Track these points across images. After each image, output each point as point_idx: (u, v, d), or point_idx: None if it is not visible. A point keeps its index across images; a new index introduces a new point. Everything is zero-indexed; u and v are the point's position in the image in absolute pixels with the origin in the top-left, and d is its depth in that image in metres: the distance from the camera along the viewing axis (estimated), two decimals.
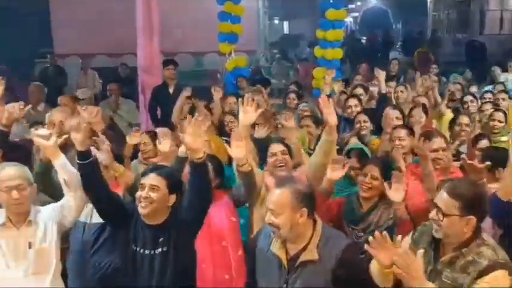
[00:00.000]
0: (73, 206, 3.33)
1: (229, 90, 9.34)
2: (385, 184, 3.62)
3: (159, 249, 3.23)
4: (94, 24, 14.27)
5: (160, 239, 3.23)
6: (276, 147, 4.13)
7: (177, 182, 3.34)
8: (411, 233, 2.93)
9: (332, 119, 3.73)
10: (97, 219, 3.64)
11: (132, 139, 4.90)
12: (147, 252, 3.24)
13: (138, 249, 3.26)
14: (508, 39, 18.64)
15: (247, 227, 4.17)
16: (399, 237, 2.49)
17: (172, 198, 3.27)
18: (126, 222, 3.30)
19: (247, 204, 4.18)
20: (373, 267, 2.66)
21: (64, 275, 3.84)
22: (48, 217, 3.31)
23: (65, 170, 3.28)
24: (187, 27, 14.59)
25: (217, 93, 6.61)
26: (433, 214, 2.70)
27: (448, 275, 2.66)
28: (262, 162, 4.29)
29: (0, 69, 13.96)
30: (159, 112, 7.37)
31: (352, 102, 6.16)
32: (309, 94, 9.57)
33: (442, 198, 2.67)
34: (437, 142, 4.24)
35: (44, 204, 3.49)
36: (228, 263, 3.83)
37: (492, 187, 3.52)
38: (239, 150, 3.66)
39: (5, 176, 3.18)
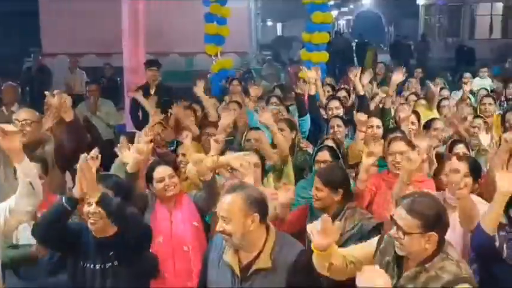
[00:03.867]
0: (25, 211, 3.03)
1: (214, 92, 9.27)
2: None
3: (110, 264, 3.09)
4: (83, 24, 14.24)
5: (111, 253, 3.09)
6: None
7: (124, 192, 3.19)
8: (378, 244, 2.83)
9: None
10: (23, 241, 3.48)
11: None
12: (97, 267, 3.09)
13: (88, 265, 3.11)
14: (497, 44, 18.79)
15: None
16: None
17: None
18: (74, 246, 3.14)
19: None
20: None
21: None
22: None
23: (31, 173, 3.03)
24: (177, 27, 14.57)
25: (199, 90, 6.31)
26: (393, 232, 2.61)
27: None
28: None
29: None
30: (140, 113, 7.26)
31: (333, 104, 5.98)
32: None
33: (401, 216, 2.58)
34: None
35: None
36: (189, 269, 3.67)
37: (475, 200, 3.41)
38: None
39: None
